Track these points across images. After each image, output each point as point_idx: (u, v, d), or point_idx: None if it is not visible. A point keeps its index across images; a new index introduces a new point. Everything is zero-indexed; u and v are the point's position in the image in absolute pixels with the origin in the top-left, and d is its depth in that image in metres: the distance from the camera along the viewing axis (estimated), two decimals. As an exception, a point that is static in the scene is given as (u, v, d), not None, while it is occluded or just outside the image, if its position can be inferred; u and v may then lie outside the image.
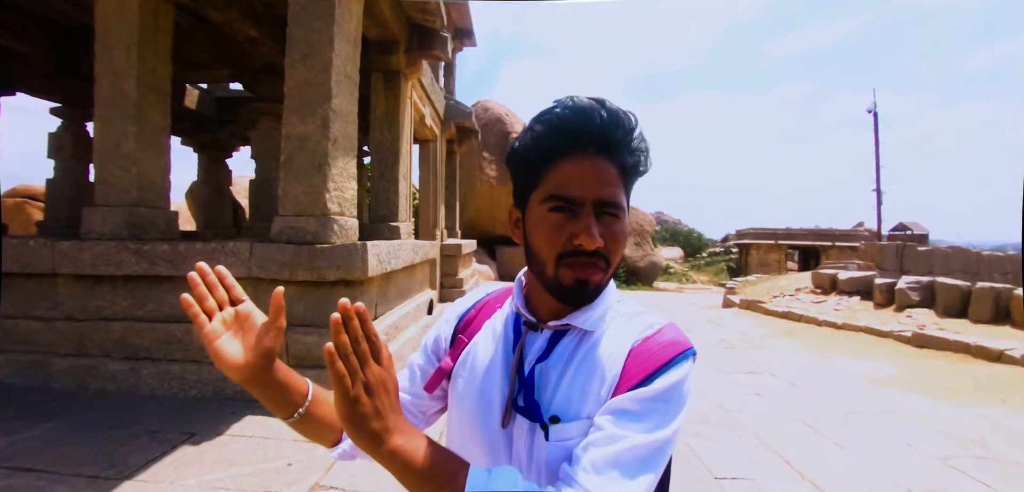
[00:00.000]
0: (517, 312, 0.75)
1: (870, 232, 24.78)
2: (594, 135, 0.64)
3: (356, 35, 4.21)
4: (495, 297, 0.83)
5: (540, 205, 0.66)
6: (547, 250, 0.65)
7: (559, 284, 0.66)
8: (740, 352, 6.78)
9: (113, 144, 3.96)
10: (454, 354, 0.78)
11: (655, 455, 0.60)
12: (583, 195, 0.63)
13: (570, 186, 0.64)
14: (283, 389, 0.70)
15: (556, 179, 0.65)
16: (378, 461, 0.57)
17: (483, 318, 0.80)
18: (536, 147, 0.67)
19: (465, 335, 0.79)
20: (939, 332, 6.98)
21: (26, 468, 2.50)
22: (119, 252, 3.75)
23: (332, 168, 3.82)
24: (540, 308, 0.72)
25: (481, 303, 0.83)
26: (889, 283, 9.27)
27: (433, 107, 9.18)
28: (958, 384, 5.21)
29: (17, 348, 3.83)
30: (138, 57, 3.94)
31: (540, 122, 0.67)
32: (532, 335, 0.72)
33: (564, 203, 0.64)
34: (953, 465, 3.18)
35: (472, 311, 0.82)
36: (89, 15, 4.09)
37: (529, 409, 0.66)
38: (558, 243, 0.64)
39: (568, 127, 0.64)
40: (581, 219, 0.63)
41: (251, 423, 3.19)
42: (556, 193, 0.64)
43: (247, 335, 0.67)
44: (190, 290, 0.68)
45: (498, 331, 0.76)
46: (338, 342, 0.55)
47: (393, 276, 4.87)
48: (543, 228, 0.65)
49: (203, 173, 10.67)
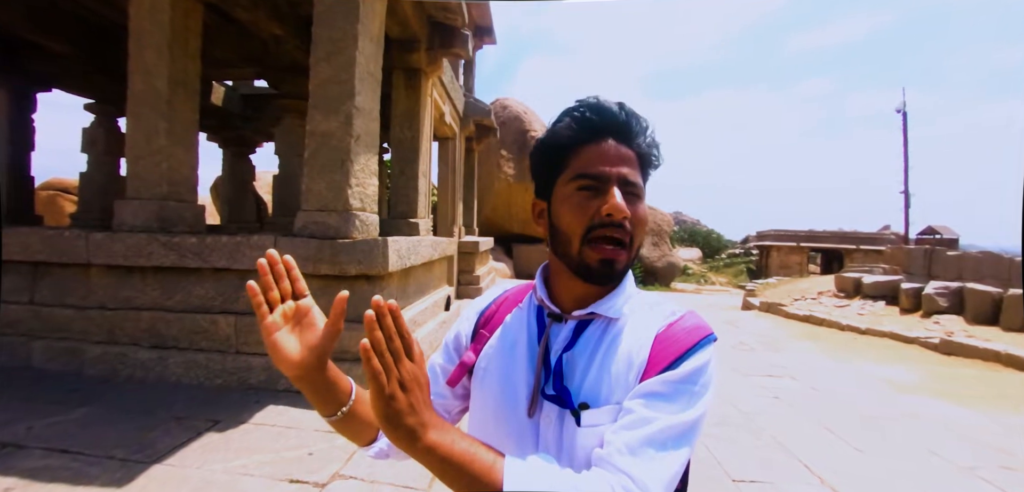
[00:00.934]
0: (540, 305, 0.77)
1: (896, 235, 24.15)
2: (616, 125, 0.70)
3: (379, 34, 4.27)
4: (514, 294, 0.85)
5: (567, 185, 0.70)
6: (575, 225, 0.69)
7: (584, 264, 0.69)
8: (759, 354, 6.68)
9: (144, 139, 4.09)
10: (476, 348, 0.79)
11: (686, 434, 0.62)
12: (609, 172, 0.68)
13: (596, 164, 0.69)
14: (331, 388, 0.71)
15: (582, 161, 0.70)
16: (414, 457, 0.58)
17: (504, 313, 0.82)
18: (563, 136, 0.72)
19: (486, 330, 0.81)
20: (968, 339, 6.79)
21: (62, 449, 2.62)
22: (149, 244, 3.88)
23: (354, 164, 3.89)
24: (564, 299, 0.74)
25: (501, 299, 0.85)
26: (916, 288, 9.05)
27: (453, 105, 9.24)
28: (986, 392, 5.06)
29: (53, 335, 3.99)
30: (169, 55, 4.07)
31: (566, 116, 0.72)
32: (557, 326, 0.74)
33: (591, 180, 0.68)
34: (979, 474, 3.10)
35: (492, 307, 0.84)
36: (123, 15, 4.23)
37: (560, 396, 0.68)
38: (586, 217, 0.68)
39: (593, 118, 0.70)
40: (607, 193, 0.67)
41: (273, 412, 3.28)
42: (583, 171, 0.69)
43: (304, 332, 0.68)
44: (258, 278, 0.68)
45: (521, 324, 0.78)
46: (373, 339, 0.57)
47: (412, 272, 4.93)
48: (570, 205, 0.69)
49: (228, 168, 10.91)
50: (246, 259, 3.81)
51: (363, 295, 3.77)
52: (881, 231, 28.35)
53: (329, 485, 2.45)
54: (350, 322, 3.96)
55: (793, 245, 27.17)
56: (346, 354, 3.64)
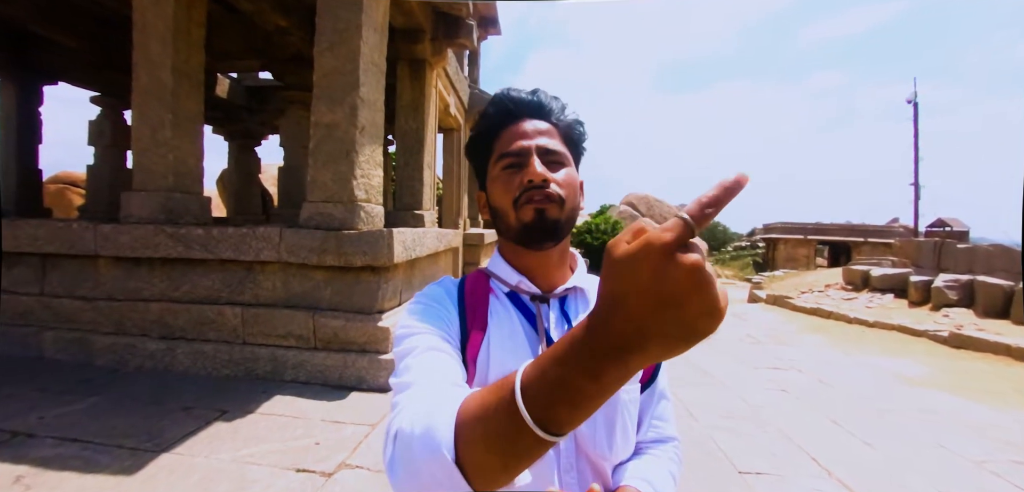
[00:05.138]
0: (513, 290, 0.78)
1: (905, 228, 23.91)
2: (529, 105, 0.78)
3: (383, 24, 4.25)
4: (471, 285, 0.79)
5: (495, 167, 0.77)
6: (505, 199, 0.75)
7: (522, 224, 0.74)
8: (766, 348, 6.65)
9: (150, 131, 4.10)
10: (472, 353, 0.73)
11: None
12: (527, 146, 0.75)
13: (515, 140, 0.75)
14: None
15: (503, 142, 0.77)
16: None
17: (480, 305, 0.77)
18: (485, 126, 0.79)
19: (476, 328, 0.75)
20: (978, 333, 6.72)
21: (73, 439, 2.64)
22: (156, 235, 3.90)
23: (359, 155, 3.88)
24: (537, 279, 0.78)
25: (467, 293, 0.78)
26: (925, 281, 8.96)
27: (458, 96, 9.21)
28: (996, 386, 5.01)
29: (63, 326, 4.03)
30: (174, 47, 4.06)
31: (487, 106, 0.80)
32: (544, 307, 0.76)
33: (513, 157, 0.75)
34: (989, 468, 3.07)
35: (466, 303, 0.77)
36: (128, 6, 4.23)
37: None
38: (513, 189, 0.74)
39: (507, 103, 0.78)
40: (528, 164, 0.73)
41: (280, 402, 3.29)
42: (505, 151, 0.76)
43: None
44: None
45: (507, 312, 0.76)
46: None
47: (418, 263, 4.93)
48: (499, 183, 0.76)
49: (233, 160, 10.96)
50: (252, 250, 3.82)
51: (369, 286, 3.77)
52: (890, 224, 28.07)
53: (336, 474, 2.45)
54: (355, 314, 3.95)
55: (800, 238, 26.96)
56: (351, 345, 3.65)
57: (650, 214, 22.42)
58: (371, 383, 3.56)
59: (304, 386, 3.60)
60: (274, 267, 3.88)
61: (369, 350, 3.64)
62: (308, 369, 3.67)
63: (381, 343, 3.63)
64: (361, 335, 3.64)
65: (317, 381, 3.65)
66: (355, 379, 3.61)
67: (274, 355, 3.72)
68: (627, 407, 0.76)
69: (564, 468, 0.71)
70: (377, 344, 3.64)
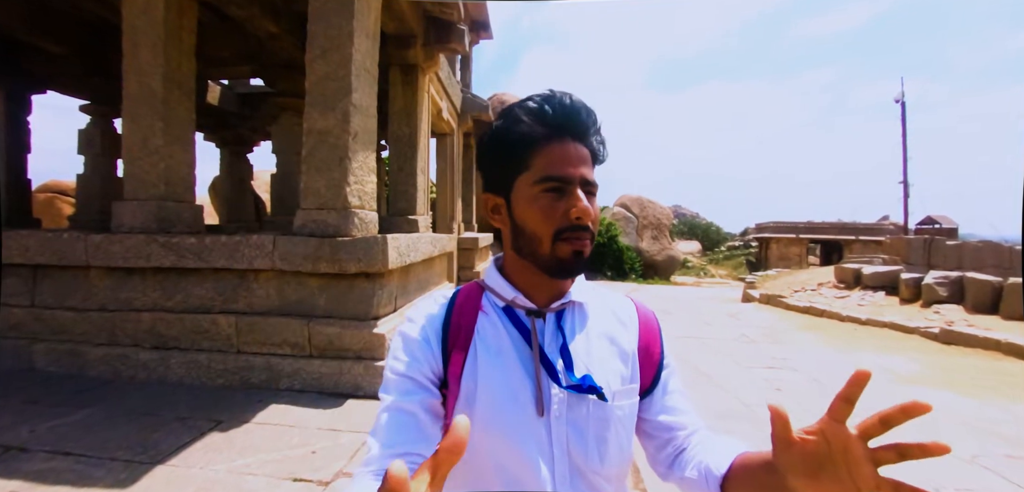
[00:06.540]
0: (509, 305, 0.75)
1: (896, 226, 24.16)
2: (573, 123, 0.72)
3: (375, 30, 4.25)
4: (462, 301, 0.78)
5: (532, 187, 0.71)
6: (545, 227, 0.70)
7: (557, 259, 0.71)
8: (761, 347, 6.69)
9: (141, 140, 4.07)
10: (455, 372, 0.72)
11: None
12: (573, 174, 0.70)
13: (562, 166, 0.70)
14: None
15: (545, 162, 0.70)
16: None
17: (466, 323, 0.75)
18: (522, 134, 0.72)
19: (459, 349, 0.73)
20: (968, 329, 6.79)
21: (66, 452, 2.61)
22: (148, 245, 3.87)
23: (352, 162, 3.87)
24: (534, 294, 0.75)
25: (454, 311, 0.77)
26: (916, 278, 9.05)
27: (450, 100, 9.21)
28: (987, 381, 5.07)
29: (54, 337, 3.98)
30: (164, 54, 4.04)
31: (523, 112, 0.73)
32: (539, 322, 0.75)
33: (557, 183, 0.70)
34: (982, 464, 3.11)
35: (452, 321, 0.76)
36: (117, 14, 4.20)
37: (590, 386, 0.70)
38: (555, 220, 0.70)
39: (556, 117, 0.71)
40: (573, 196, 0.70)
41: (276, 411, 3.28)
42: (549, 174, 0.70)
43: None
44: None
45: (497, 329, 0.75)
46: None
47: (412, 269, 4.92)
48: (538, 207, 0.70)
49: (225, 167, 10.89)
50: (245, 258, 3.80)
51: (363, 293, 3.76)
52: (880, 222, 28.36)
53: (333, 483, 2.44)
54: (350, 320, 3.93)
55: (792, 237, 27.17)
56: (346, 352, 3.64)
57: (643, 215, 22.50)
58: (367, 390, 3.55)
59: (300, 394, 3.58)
60: (268, 275, 3.86)
61: (365, 357, 3.63)
62: (303, 377, 3.65)
63: (376, 349, 3.62)
64: (356, 342, 3.63)
65: (313, 389, 3.63)
66: (351, 386, 3.59)
67: (269, 363, 3.70)
68: (621, 422, 0.74)
69: (559, 482, 0.69)
70: (372, 350, 3.63)
